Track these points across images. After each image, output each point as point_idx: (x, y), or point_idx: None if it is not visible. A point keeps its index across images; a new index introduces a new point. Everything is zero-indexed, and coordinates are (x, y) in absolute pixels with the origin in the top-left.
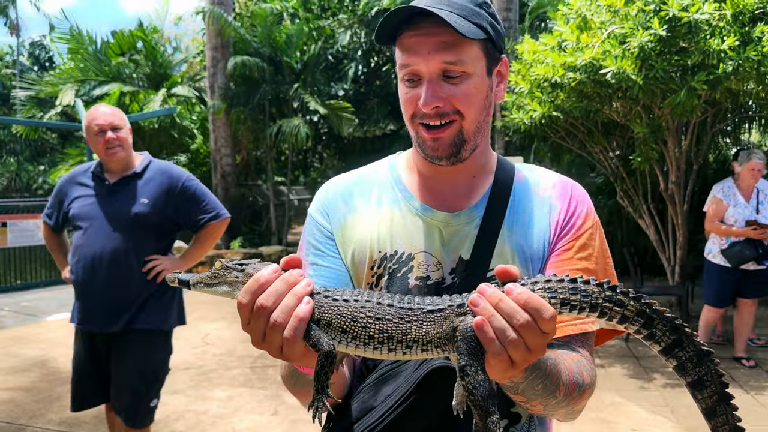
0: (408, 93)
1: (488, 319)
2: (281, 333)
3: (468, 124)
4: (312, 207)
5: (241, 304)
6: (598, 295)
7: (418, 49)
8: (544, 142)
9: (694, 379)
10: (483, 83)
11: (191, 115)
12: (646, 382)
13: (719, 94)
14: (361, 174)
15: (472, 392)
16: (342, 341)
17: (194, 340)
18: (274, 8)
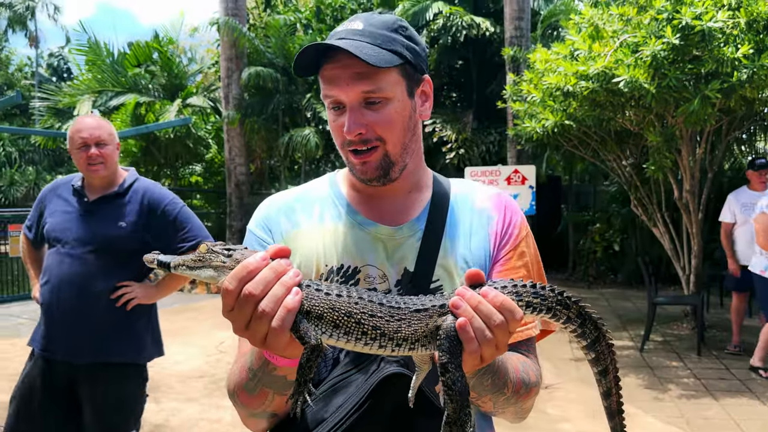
0: (335, 121)
1: (469, 320)
2: (268, 323)
3: (392, 147)
4: (252, 223)
5: (228, 290)
6: (552, 298)
7: (337, 81)
8: (557, 150)
9: (603, 368)
10: (404, 106)
11: (206, 125)
12: (660, 393)
13: (734, 102)
14: (300, 191)
15: (451, 387)
16: (333, 335)
17: (208, 347)
18: (288, 19)
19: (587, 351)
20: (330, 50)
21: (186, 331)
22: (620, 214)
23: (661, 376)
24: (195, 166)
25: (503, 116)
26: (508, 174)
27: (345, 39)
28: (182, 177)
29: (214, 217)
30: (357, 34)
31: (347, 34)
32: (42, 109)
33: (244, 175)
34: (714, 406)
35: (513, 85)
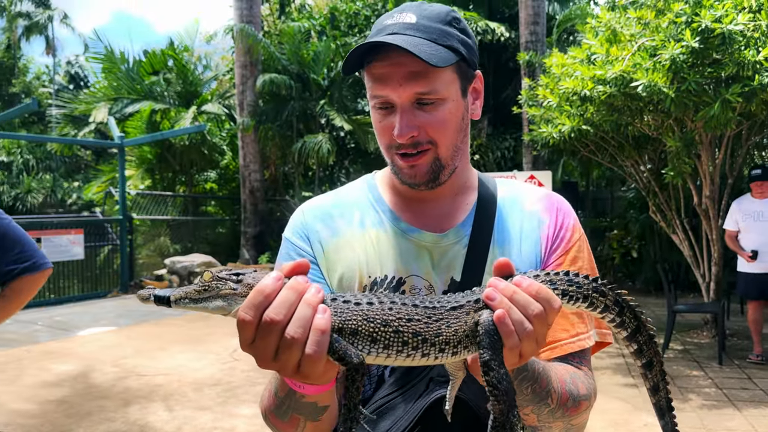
0: (382, 122)
1: (507, 312)
2: (299, 350)
3: (443, 151)
4: (288, 231)
5: (245, 322)
6: (587, 286)
7: (389, 80)
8: (573, 156)
9: (647, 360)
10: (458, 106)
11: (221, 132)
12: (681, 403)
13: (755, 107)
14: (337, 196)
15: (496, 386)
16: (372, 351)
17: (223, 355)
18: (302, 26)
19: (629, 342)
20: (381, 45)
21: (199, 339)
22: (638, 220)
23: (682, 385)
24: (210, 173)
25: (518, 122)
26: (523, 180)
27: (398, 34)
28: (197, 183)
29: (228, 223)
30: (410, 28)
31: (399, 28)
32: (59, 116)
33: (259, 181)
34: (737, 416)
35: (528, 90)
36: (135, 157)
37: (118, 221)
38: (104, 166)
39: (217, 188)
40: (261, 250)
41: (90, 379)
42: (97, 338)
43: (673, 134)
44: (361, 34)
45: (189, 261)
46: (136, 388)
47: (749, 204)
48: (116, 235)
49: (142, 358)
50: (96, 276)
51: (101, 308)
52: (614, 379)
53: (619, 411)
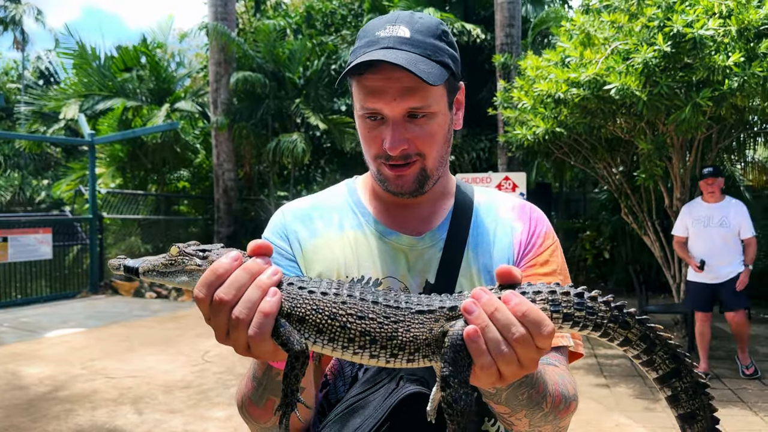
0: (370, 132)
1: (481, 330)
2: (245, 330)
3: (430, 162)
4: (267, 231)
5: (198, 299)
6: (604, 314)
7: (383, 94)
8: (547, 157)
9: (687, 412)
10: (445, 119)
11: (194, 130)
12: (652, 403)
13: (724, 111)
14: (317, 199)
15: (451, 405)
16: (317, 342)
17: (194, 357)
18: (278, 24)
19: (661, 386)
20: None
21: (170, 341)
22: (610, 221)
23: (652, 385)
24: (182, 172)
25: (494, 123)
26: (498, 181)
27: (394, 49)
28: (169, 182)
29: (201, 223)
30: (405, 43)
31: (394, 43)
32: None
33: (233, 180)
34: None
35: (504, 92)
36: (106, 155)
37: (87, 220)
38: (74, 164)
39: (190, 187)
40: None
41: (57, 381)
42: (65, 340)
43: (645, 137)
44: (338, 33)
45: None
46: (105, 390)
47: (699, 208)
48: (86, 234)
49: (111, 360)
50: (65, 276)
51: (70, 309)
52: (586, 380)
53: (591, 411)
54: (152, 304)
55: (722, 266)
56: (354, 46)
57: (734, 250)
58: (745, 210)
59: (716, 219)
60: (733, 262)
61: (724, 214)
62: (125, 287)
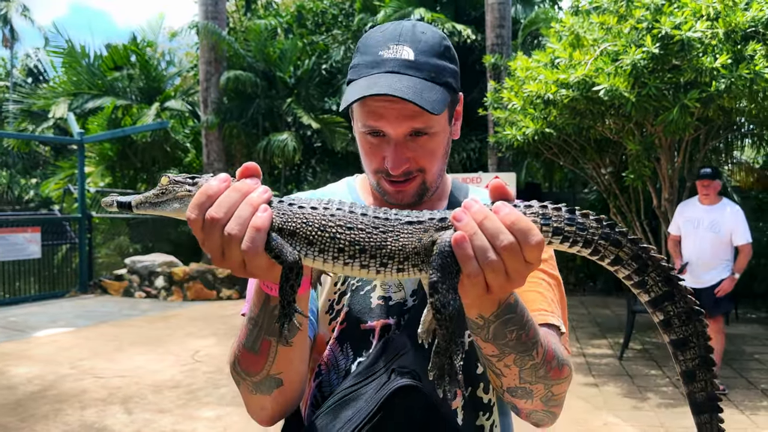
0: (372, 148)
1: (469, 237)
2: (239, 246)
3: (430, 177)
4: None
5: (190, 220)
6: (595, 230)
7: (386, 115)
8: (537, 158)
9: (679, 338)
10: (445, 133)
11: (184, 129)
12: (639, 402)
13: (712, 112)
14: (317, 195)
15: (440, 310)
16: (308, 254)
17: (183, 356)
18: (269, 24)
19: (653, 309)
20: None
21: (159, 340)
22: None
23: (641, 384)
24: (172, 171)
25: (484, 123)
26: (488, 181)
27: (398, 74)
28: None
29: None
30: (410, 67)
31: (398, 66)
32: (16, 111)
33: None
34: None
35: (494, 92)
36: (95, 154)
37: (76, 219)
38: (63, 163)
39: None
40: None
41: (46, 381)
42: (54, 339)
43: (633, 138)
44: (329, 33)
45: (150, 261)
46: (94, 390)
47: (692, 209)
48: (75, 233)
49: (99, 360)
50: (53, 275)
51: (59, 309)
52: (575, 379)
53: (580, 410)
54: (141, 304)
55: (705, 271)
56: (354, 61)
57: (722, 255)
58: (741, 215)
59: (706, 222)
60: (718, 268)
61: (715, 218)
62: (114, 287)
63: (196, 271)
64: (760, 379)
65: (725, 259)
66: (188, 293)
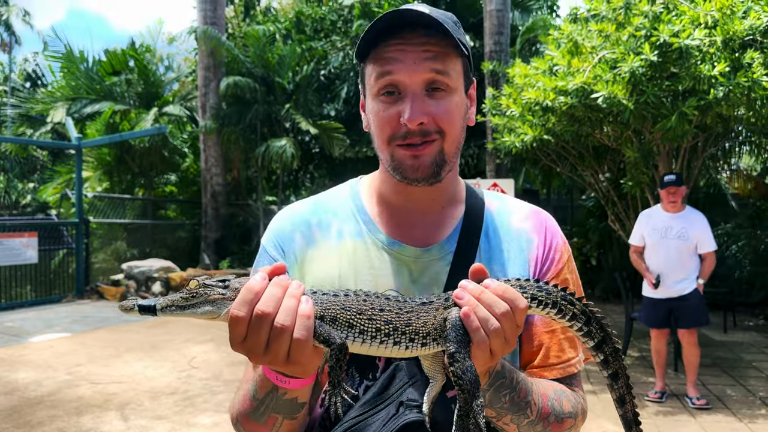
0: (385, 110)
1: (473, 310)
2: (289, 337)
3: (449, 144)
4: (265, 238)
5: (238, 318)
6: (556, 294)
7: (403, 58)
8: (535, 164)
9: (613, 372)
10: (462, 102)
11: (182, 135)
12: (638, 409)
13: (710, 120)
14: (317, 202)
15: (461, 377)
16: (349, 336)
17: (180, 363)
18: (267, 29)
19: (594, 352)
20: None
21: (156, 346)
22: (597, 228)
23: (638, 391)
24: (170, 176)
25: (483, 130)
26: (486, 187)
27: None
28: (156, 187)
29: (188, 228)
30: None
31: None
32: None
33: (221, 185)
34: (691, 423)
35: (492, 99)
36: (93, 159)
37: (74, 224)
38: (61, 168)
39: (178, 192)
40: (222, 255)
41: (42, 387)
42: (50, 345)
43: (631, 145)
44: (327, 39)
45: (147, 266)
46: (90, 396)
47: (658, 218)
48: (72, 238)
49: (96, 366)
50: (50, 280)
51: (55, 314)
52: None
53: None
54: None
55: (676, 281)
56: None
57: (690, 264)
58: (706, 222)
59: (675, 230)
60: (688, 278)
61: (683, 225)
62: (111, 292)
63: (194, 276)
64: (758, 386)
65: (694, 268)
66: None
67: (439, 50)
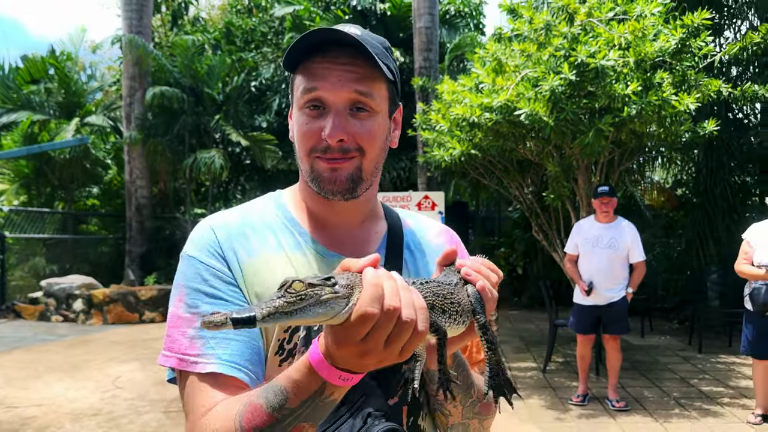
0: (308, 123)
1: (485, 283)
2: (410, 331)
3: (368, 162)
4: (194, 250)
5: (371, 315)
6: None
7: (329, 76)
8: (464, 178)
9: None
10: (385, 124)
11: (105, 146)
12: (562, 413)
13: (624, 136)
14: (245, 214)
15: (493, 342)
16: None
17: (104, 383)
18: (196, 40)
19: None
20: (326, 45)
21: (78, 366)
22: (523, 239)
23: (563, 396)
24: (92, 189)
25: (414, 144)
26: (418, 200)
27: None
28: (78, 200)
29: (111, 242)
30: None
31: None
32: None
33: (146, 198)
34: (611, 424)
35: (422, 114)
36: (10, 171)
37: None
38: None
39: (100, 205)
40: (148, 270)
41: None
42: None
43: (552, 159)
44: (258, 51)
45: (68, 283)
46: (6, 421)
47: (590, 228)
48: None
49: (13, 389)
50: None
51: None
52: None
53: (506, 423)
54: (58, 328)
55: (606, 289)
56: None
57: (620, 273)
58: (636, 232)
59: (605, 240)
60: (618, 286)
61: (614, 236)
62: (29, 310)
63: (117, 293)
64: (672, 388)
65: (624, 277)
66: (109, 316)
67: (364, 73)
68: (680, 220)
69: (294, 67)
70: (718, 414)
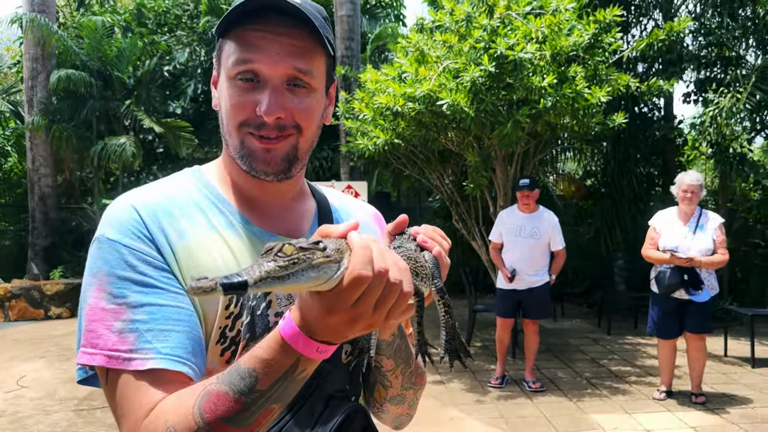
0: (240, 96)
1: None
2: (398, 293)
3: (304, 141)
4: (114, 232)
5: (364, 278)
6: None
7: (267, 48)
8: (386, 167)
9: None
10: (322, 100)
11: (4, 132)
12: (482, 396)
13: (540, 127)
14: (167, 192)
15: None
16: (417, 283)
17: (7, 382)
18: (105, 21)
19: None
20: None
21: None
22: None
23: (482, 379)
24: None
25: (336, 133)
26: (341, 189)
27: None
28: None
29: (12, 234)
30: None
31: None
32: None
33: (51, 187)
34: (528, 404)
35: (345, 103)
36: None
37: None
38: None
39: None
40: (53, 264)
41: None
42: None
43: (472, 150)
44: (171, 34)
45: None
46: None
47: (513, 217)
48: None
49: None
50: None
51: None
52: None
53: (429, 407)
54: None
55: (528, 275)
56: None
57: (541, 260)
58: (556, 222)
59: (528, 229)
60: (539, 272)
61: (535, 225)
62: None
63: (20, 288)
64: (584, 368)
65: (545, 264)
66: (11, 313)
67: (304, 45)
68: (589, 209)
69: (226, 32)
70: (627, 392)
